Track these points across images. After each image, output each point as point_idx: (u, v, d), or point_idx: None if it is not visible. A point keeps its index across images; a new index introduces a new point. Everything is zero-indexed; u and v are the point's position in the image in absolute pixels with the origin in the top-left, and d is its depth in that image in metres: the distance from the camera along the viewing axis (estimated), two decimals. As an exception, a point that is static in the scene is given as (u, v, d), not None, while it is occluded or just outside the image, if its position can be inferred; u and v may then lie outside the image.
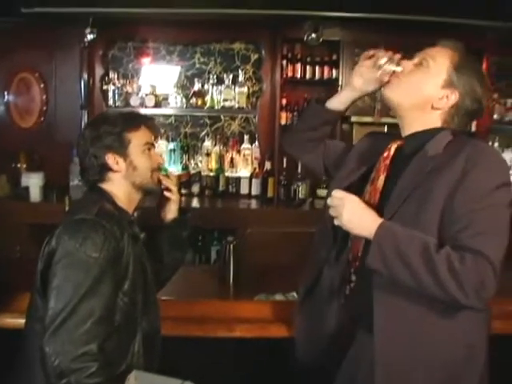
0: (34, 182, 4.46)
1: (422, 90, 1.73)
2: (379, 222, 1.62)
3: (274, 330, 2.26)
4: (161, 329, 2.01)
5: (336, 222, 1.68)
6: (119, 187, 1.94)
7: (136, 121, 1.96)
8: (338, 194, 1.68)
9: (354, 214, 1.65)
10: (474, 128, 4.75)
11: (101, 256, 1.71)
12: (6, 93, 4.79)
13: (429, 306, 1.63)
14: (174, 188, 2.13)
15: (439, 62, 1.73)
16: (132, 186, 1.95)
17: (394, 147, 1.80)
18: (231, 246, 2.69)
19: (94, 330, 1.66)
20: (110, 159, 1.90)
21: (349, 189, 1.76)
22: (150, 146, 1.98)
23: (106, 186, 1.94)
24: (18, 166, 4.68)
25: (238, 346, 2.41)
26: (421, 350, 1.66)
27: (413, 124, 1.77)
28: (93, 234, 1.72)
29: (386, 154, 1.80)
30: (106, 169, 1.92)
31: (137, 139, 1.93)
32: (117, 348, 1.77)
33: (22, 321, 1.92)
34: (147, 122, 2.00)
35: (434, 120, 1.76)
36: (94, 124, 1.96)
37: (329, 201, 1.69)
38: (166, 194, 2.11)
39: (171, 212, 2.16)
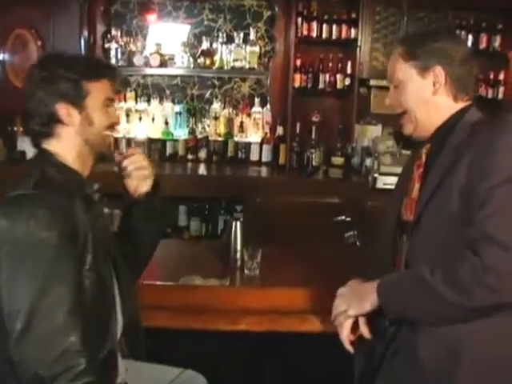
0: (30, 146, 4.23)
1: (423, 100, 1.73)
2: (376, 286, 1.67)
3: (285, 323, 2.07)
4: (140, 312, 1.84)
5: (352, 313, 1.74)
6: (69, 146, 1.66)
7: (98, 71, 1.70)
8: (334, 304, 1.79)
9: (355, 299, 1.74)
10: (500, 95, 4.65)
11: (51, 234, 1.46)
12: (0, 51, 4.63)
13: None
14: (145, 163, 1.85)
15: (399, 67, 1.75)
16: (85, 143, 1.68)
17: (424, 152, 1.79)
18: (237, 222, 2.45)
19: (68, 320, 1.44)
20: (62, 109, 1.63)
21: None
22: (110, 101, 1.73)
23: (52, 144, 1.66)
24: (15, 129, 4.53)
25: (244, 340, 2.24)
26: (465, 347, 1.56)
27: (432, 122, 1.75)
28: (35, 211, 1.47)
29: (418, 162, 1.80)
30: (54, 120, 1.64)
31: (97, 91, 1.67)
32: (94, 331, 1.54)
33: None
34: (111, 74, 1.74)
35: (445, 101, 1.73)
36: (45, 64, 1.67)
37: (335, 312, 1.78)
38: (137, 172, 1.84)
39: (144, 187, 1.87)
